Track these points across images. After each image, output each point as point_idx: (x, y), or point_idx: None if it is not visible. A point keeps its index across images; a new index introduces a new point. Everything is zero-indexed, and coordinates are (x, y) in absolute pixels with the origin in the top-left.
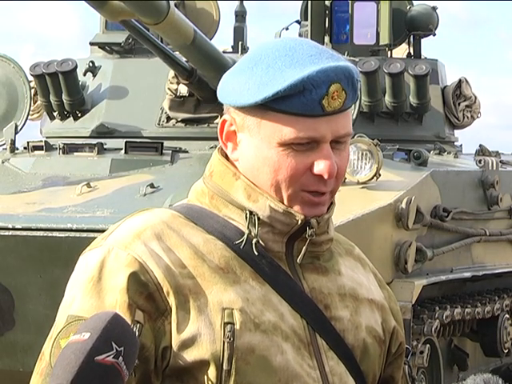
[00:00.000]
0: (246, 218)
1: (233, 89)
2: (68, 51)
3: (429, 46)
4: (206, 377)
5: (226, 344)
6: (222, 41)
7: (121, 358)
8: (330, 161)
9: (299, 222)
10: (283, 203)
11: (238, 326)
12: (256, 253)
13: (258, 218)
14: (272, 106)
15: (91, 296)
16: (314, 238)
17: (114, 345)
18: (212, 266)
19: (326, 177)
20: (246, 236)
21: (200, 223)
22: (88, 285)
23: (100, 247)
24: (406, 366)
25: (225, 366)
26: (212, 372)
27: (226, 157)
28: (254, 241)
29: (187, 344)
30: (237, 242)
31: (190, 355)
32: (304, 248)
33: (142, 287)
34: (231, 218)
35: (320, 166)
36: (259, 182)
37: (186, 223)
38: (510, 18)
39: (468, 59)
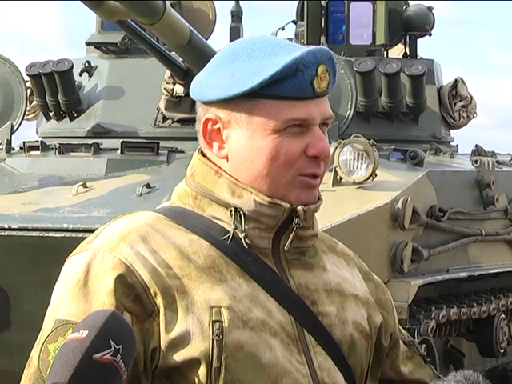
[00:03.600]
0: (231, 214)
1: (218, 83)
2: (53, 50)
3: (425, 47)
4: (195, 375)
5: (214, 342)
6: (218, 41)
7: (119, 355)
8: (323, 141)
9: (285, 211)
10: (273, 195)
11: (226, 324)
12: (246, 246)
13: (244, 214)
14: (264, 93)
15: (78, 300)
16: (300, 233)
17: (112, 342)
18: (198, 265)
19: (322, 157)
20: (231, 232)
21: (184, 224)
22: (74, 289)
23: (85, 251)
24: (414, 346)
25: (214, 364)
26: (202, 370)
27: (206, 156)
28: (243, 235)
29: (176, 344)
30: (223, 238)
31: (180, 354)
32: (291, 236)
33: (128, 289)
34: (216, 217)
35: (315, 148)
36: (253, 175)
37: (171, 225)
38: (494, 18)
39: (456, 59)
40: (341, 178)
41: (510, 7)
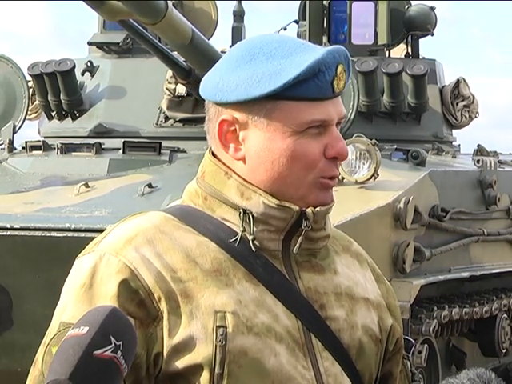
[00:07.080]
0: (240, 216)
1: (236, 84)
2: (44, 49)
3: (427, 46)
4: (198, 381)
5: (217, 347)
6: (220, 41)
7: (119, 352)
8: (342, 142)
9: (294, 213)
10: (290, 197)
11: (230, 329)
12: (253, 249)
13: (253, 216)
14: (285, 94)
15: (83, 303)
16: (310, 234)
17: (113, 339)
18: (204, 268)
19: (342, 158)
20: (240, 235)
21: (193, 225)
22: (80, 291)
23: (93, 253)
24: (407, 361)
25: (217, 370)
26: (204, 376)
27: (216, 157)
28: (251, 237)
29: (179, 349)
30: (231, 241)
31: (183, 360)
32: (300, 238)
33: (132, 294)
34: (225, 218)
35: (335, 148)
36: (272, 176)
37: (179, 226)
38: (485, 17)
39: (451, 58)
40: (343, 178)
41: (499, 6)
